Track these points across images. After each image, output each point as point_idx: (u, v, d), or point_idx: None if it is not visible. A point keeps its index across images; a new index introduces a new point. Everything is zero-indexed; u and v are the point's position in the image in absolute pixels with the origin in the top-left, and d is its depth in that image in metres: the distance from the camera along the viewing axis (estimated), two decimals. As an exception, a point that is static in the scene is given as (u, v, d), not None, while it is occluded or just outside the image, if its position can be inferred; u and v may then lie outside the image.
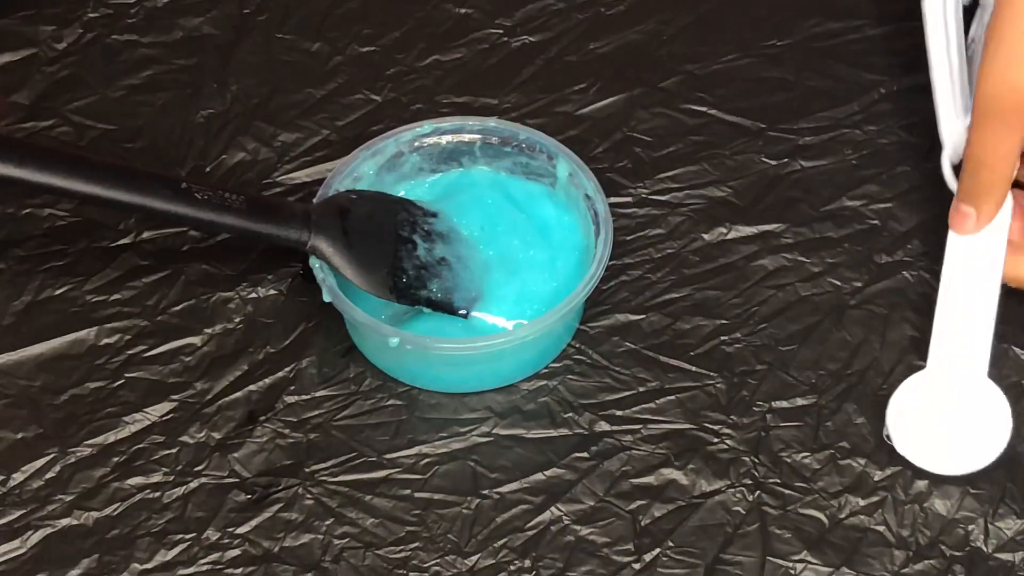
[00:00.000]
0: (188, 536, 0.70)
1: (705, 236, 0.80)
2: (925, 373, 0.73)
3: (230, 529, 0.70)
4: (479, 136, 0.78)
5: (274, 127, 0.84)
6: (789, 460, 0.72)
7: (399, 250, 0.75)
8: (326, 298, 0.73)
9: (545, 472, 0.72)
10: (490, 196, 0.78)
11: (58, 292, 0.78)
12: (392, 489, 0.71)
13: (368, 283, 0.74)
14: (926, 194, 0.82)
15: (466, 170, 0.79)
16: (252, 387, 0.74)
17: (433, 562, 0.69)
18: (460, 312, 0.75)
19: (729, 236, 0.80)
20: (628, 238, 0.79)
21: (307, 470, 0.72)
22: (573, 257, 0.76)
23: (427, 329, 0.75)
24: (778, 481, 0.71)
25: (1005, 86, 0.69)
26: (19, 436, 0.73)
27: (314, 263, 0.74)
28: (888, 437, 0.72)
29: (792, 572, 0.69)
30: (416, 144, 0.78)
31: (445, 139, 0.79)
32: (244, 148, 0.84)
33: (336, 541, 0.70)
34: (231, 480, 0.71)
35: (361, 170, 0.77)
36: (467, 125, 0.78)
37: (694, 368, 0.75)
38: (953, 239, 0.74)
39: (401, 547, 0.69)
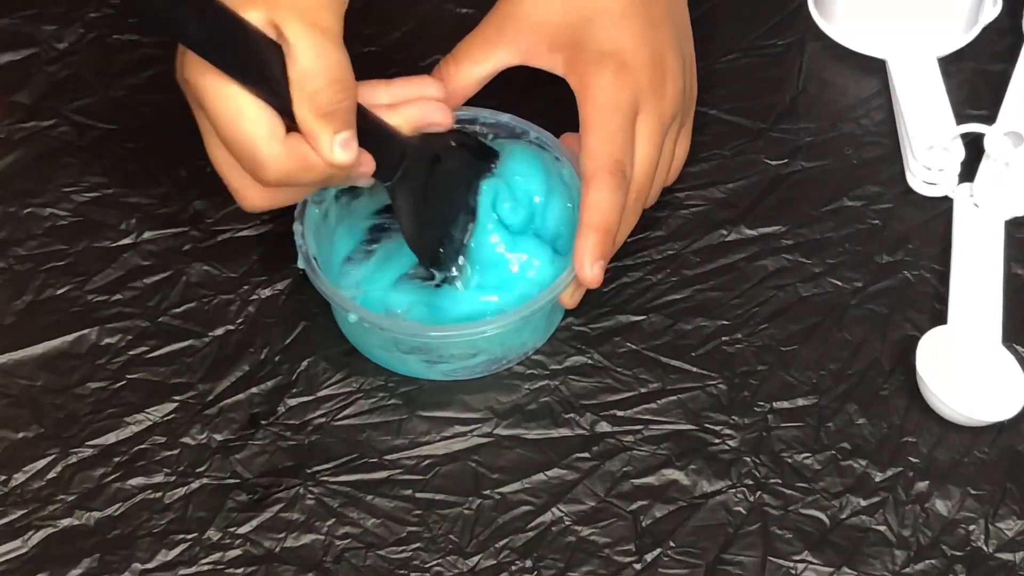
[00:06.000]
0: (189, 536, 0.70)
1: (706, 237, 0.80)
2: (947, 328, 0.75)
3: (231, 529, 0.70)
4: (491, 129, 0.78)
5: (275, 127, 0.84)
6: (790, 460, 0.72)
7: (461, 218, 0.74)
8: (300, 264, 0.73)
9: (546, 472, 0.72)
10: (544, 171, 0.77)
11: (59, 292, 0.78)
12: (393, 489, 0.71)
13: (418, 241, 0.73)
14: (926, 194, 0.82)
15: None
16: (254, 389, 0.74)
17: (434, 562, 0.69)
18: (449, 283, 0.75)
19: (729, 237, 0.80)
20: (629, 240, 0.79)
21: (308, 471, 0.72)
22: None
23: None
24: (779, 481, 0.71)
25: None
26: (20, 436, 0.73)
27: (296, 228, 0.74)
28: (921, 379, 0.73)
29: (793, 572, 0.69)
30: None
31: (457, 127, 0.78)
32: (245, 148, 0.83)
33: (337, 541, 0.70)
34: (232, 481, 0.71)
35: None
36: (481, 116, 0.78)
37: (695, 369, 0.75)
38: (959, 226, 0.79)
39: (402, 547, 0.70)
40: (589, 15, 0.75)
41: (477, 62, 0.76)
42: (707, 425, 0.73)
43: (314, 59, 0.64)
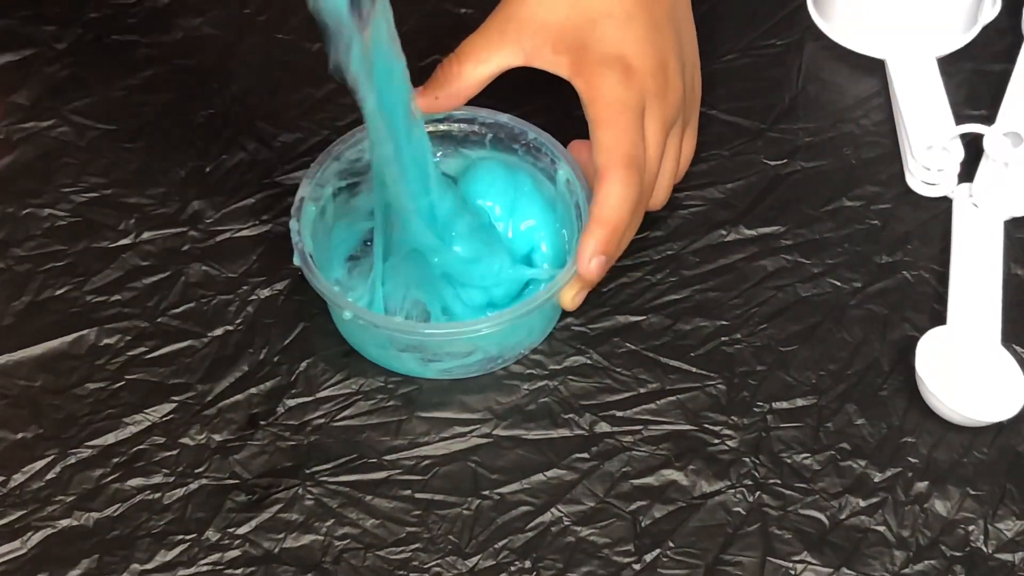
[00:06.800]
0: (188, 537, 0.70)
1: (705, 237, 0.80)
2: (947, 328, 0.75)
3: (230, 530, 0.70)
4: (490, 129, 0.79)
5: (274, 127, 0.84)
6: (789, 461, 0.72)
7: None
8: (296, 262, 0.73)
9: (546, 473, 0.72)
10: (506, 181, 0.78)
11: (58, 293, 0.78)
12: (392, 490, 0.71)
13: None
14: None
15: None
16: (253, 389, 0.74)
17: (434, 563, 0.69)
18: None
19: (729, 237, 0.80)
20: (628, 239, 0.79)
21: (307, 471, 0.72)
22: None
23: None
24: (778, 482, 0.71)
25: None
26: (19, 436, 0.73)
27: (293, 225, 0.74)
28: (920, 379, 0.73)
29: (792, 572, 0.69)
30: (428, 128, 0.78)
31: (456, 127, 0.79)
32: (244, 148, 0.84)
33: (336, 542, 0.70)
34: (231, 481, 0.71)
35: (366, 144, 0.77)
36: (480, 116, 0.79)
37: (694, 369, 0.75)
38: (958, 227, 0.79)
39: (401, 548, 0.70)
40: (593, 17, 0.75)
41: (480, 61, 0.76)
42: (706, 425, 0.73)
43: None
